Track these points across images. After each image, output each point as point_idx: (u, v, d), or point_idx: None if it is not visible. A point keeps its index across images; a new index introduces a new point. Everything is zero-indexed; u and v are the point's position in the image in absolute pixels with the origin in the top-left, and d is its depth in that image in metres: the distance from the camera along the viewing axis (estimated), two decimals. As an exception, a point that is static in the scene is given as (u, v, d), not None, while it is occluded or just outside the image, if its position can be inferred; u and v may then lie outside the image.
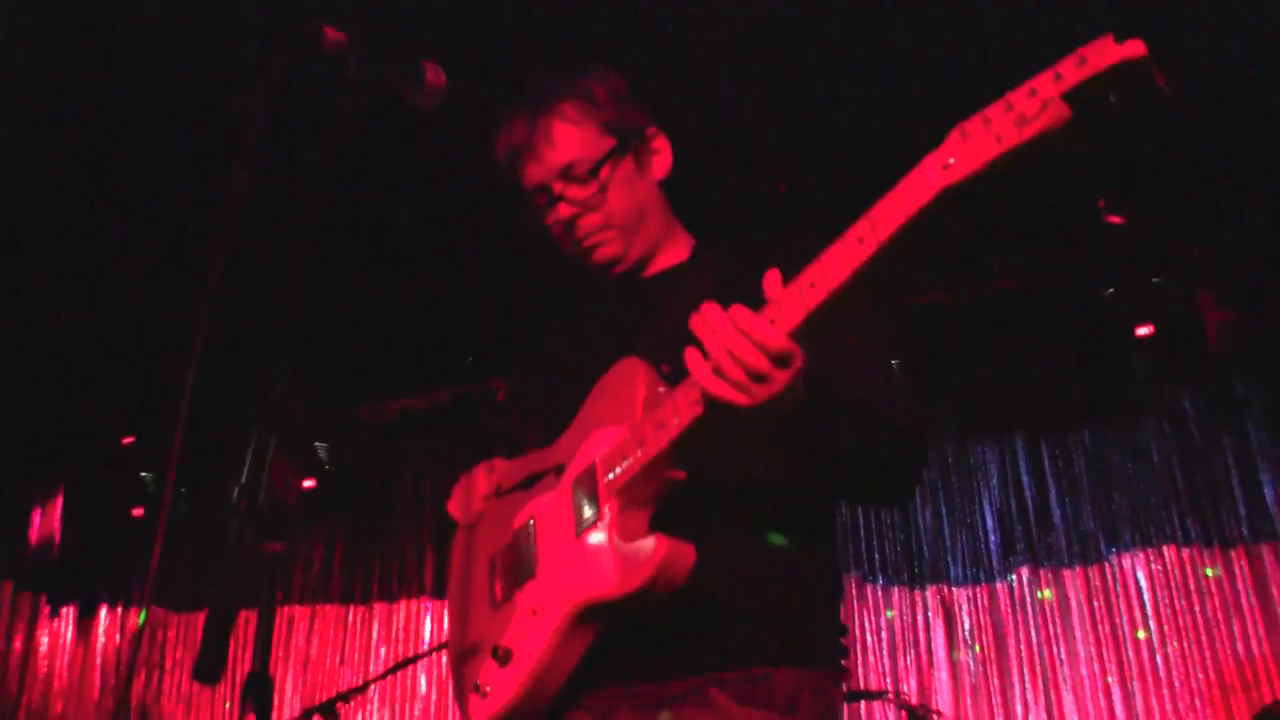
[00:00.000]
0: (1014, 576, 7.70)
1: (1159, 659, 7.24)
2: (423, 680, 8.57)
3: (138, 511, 9.06)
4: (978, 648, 7.66)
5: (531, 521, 2.37)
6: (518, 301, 7.30)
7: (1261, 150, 6.35)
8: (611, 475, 2.14)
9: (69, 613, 9.55)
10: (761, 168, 6.34)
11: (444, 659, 8.37)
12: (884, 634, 7.76)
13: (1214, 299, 7.02)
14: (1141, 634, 7.28)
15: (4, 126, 5.89)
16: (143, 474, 8.99)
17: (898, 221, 1.80)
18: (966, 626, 7.72)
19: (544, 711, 2.21)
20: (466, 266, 7.12)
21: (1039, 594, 7.61)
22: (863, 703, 7.22)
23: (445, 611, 8.49)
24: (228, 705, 8.92)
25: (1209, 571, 7.25)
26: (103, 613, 9.55)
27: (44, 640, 9.40)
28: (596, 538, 2.14)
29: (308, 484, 8.53)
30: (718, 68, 5.58)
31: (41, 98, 5.74)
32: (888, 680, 7.61)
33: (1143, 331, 7.22)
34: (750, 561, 2.19)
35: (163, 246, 6.78)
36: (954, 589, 7.82)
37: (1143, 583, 7.41)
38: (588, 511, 2.19)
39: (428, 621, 8.75)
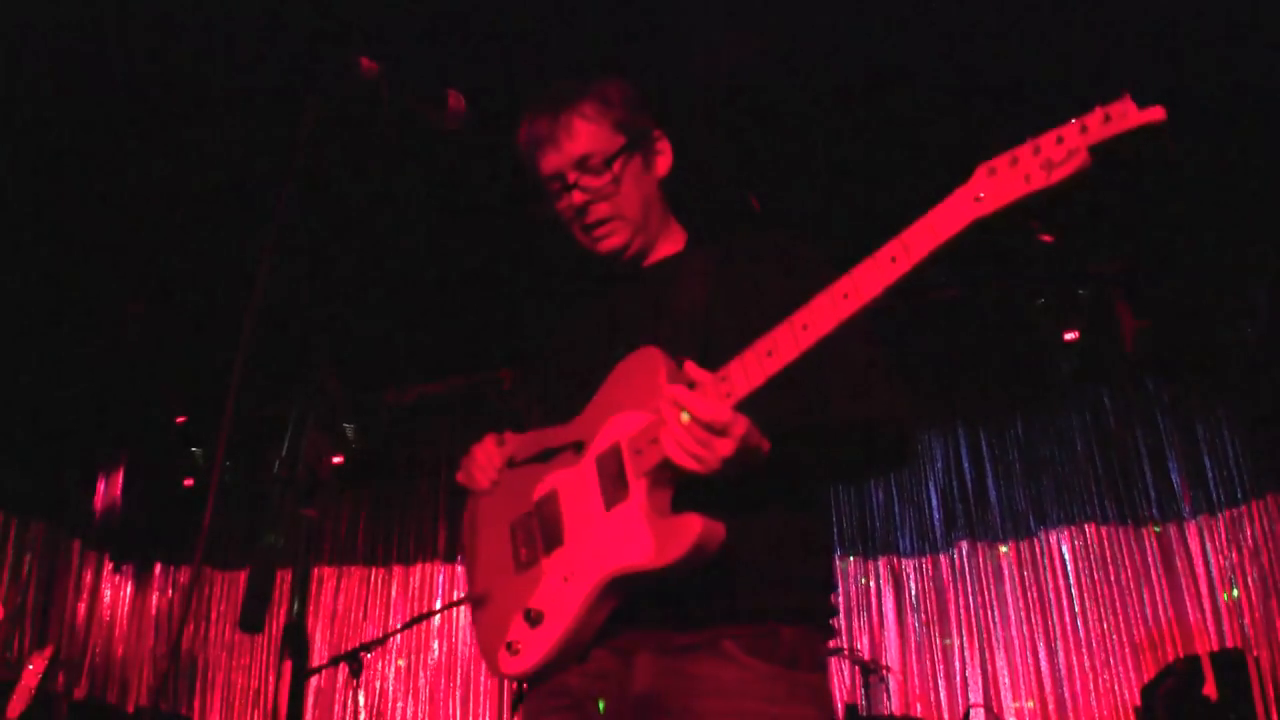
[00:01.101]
0: (955, 549, 7.97)
1: (1079, 622, 7.51)
2: (435, 634, 8.79)
3: (188, 482, 9.27)
4: (922, 611, 7.94)
5: (555, 492, 2.36)
6: (523, 301, 7.46)
7: (1170, 180, 6.53)
8: (640, 454, 2.15)
9: (129, 570, 9.83)
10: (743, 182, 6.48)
11: (457, 615, 8.56)
12: (839, 599, 7.88)
13: (1130, 309, 7.29)
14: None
15: (82, 117, 6.03)
16: (193, 449, 9.25)
17: (930, 247, 1.86)
18: (913, 592, 7.97)
19: (578, 659, 2.24)
20: (479, 269, 7.26)
21: (1001, 550, 7.86)
22: (821, 658, 7.48)
23: (456, 574, 8.94)
24: (265, 655, 9.20)
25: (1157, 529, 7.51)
26: (157, 570, 9.86)
27: (106, 593, 9.67)
28: (628, 512, 2.15)
29: (336, 460, 8.63)
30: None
31: (120, 98, 5.89)
32: (843, 639, 7.75)
33: (1069, 336, 7.40)
34: (760, 528, 2.20)
35: (218, 252, 6.98)
36: (902, 559, 8.08)
37: (1066, 555, 7.68)
38: (616, 488, 2.19)
39: (440, 582, 8.93)
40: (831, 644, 7.05)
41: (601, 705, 2.20)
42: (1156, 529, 7.56)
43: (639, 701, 2.17)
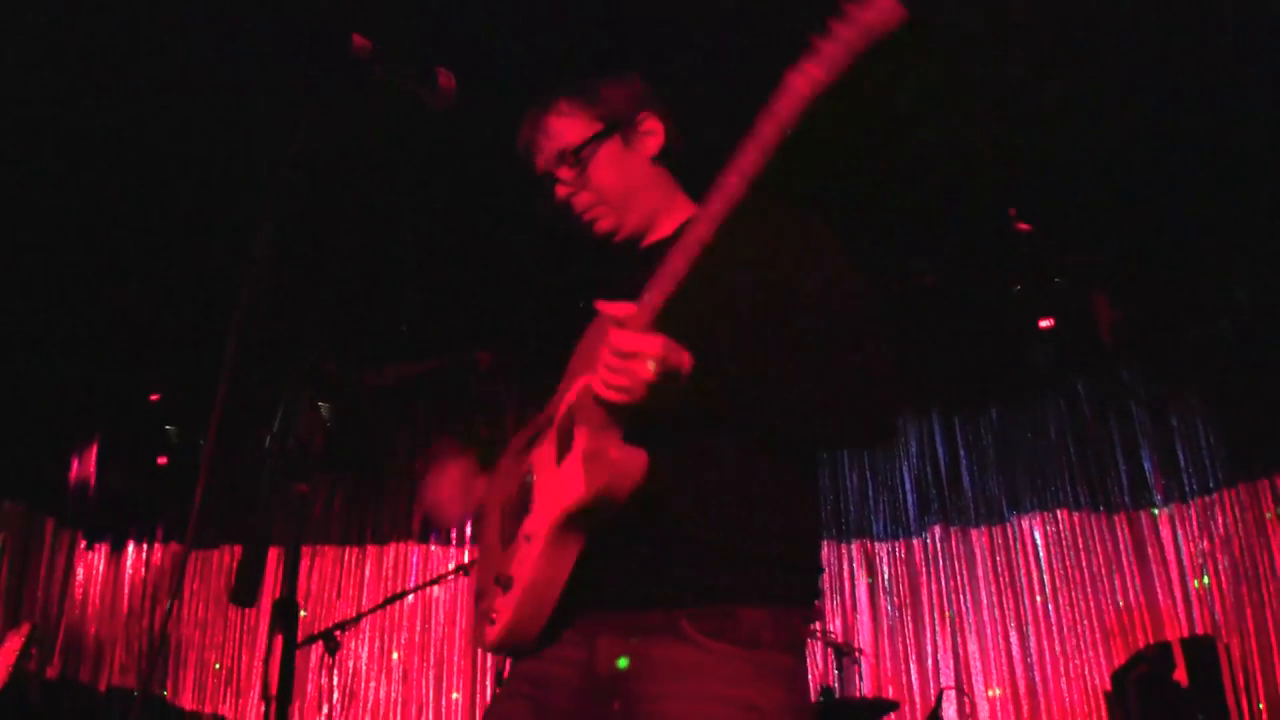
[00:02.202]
0: (928, 534, 7.98)
1: (1051, 607, 7.53)
2: (408, 613, 8.76)
3: (162, 460, 9.19)
4: (895, 595, 7.94)
5: (530, 466, 2.38)
6: (502, 283, 7.41)
7: (1147, 171, 6.50)
8: (583, 408, 2.16)
9: (102, 547, 9.68)
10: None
11: (430, 595, 8.56)
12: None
13: (1106, 298, 7.28)
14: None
15: (52, 106, 5.89)
16: (168, 426, 9.13)
17: (774, 139, 1.90)
18: (886, 576, 7.98)
19: (544, 629, 2.22)
20: (458, 251, 7.17)
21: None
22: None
23: (430, 553, 8.90)
24: (239, 634, 9.10)
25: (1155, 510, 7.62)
26: (130, 548, 9.68)
27: (80, 571, 9.54)
28: (571, 460, 2.16)
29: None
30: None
31: (92, 89, 5.77)
32: (817, 621, 7.60)
33: (1044, 324, 7.43)
34: (723, 505, 2.17)
35: (195, 229, 6.86)
36: (875, 543, 8.08)
37: (1039, 541, 7.70)
38: (564, 444, 2.21)
39: (415, 562, 8.91)
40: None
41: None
42: (1155, 510, 7.58)
43: (599, 685, 2.15)
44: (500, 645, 2.29)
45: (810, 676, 7.39)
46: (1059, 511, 7.73)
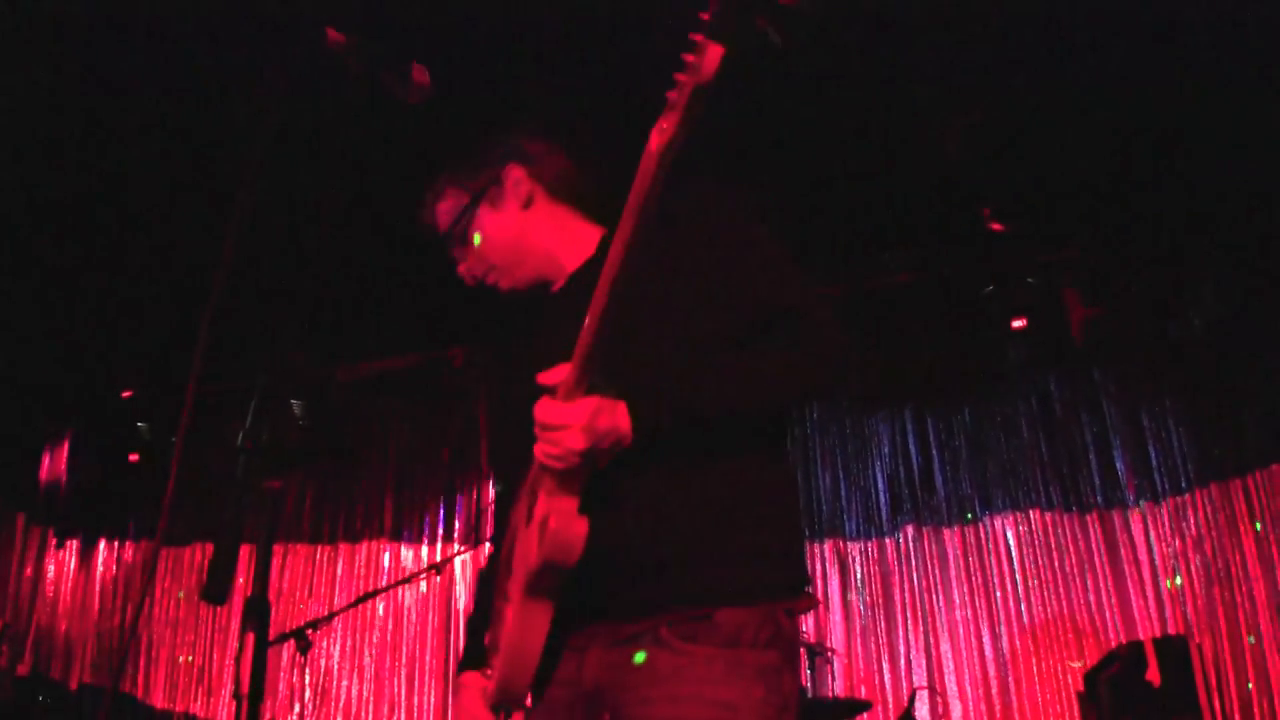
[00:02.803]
0: (900, 533, 7.90)
1: (1023, 607, 7.46)
2: (380, 612, 8.68)
3: (134, 457, 9.12)
4: (867, 594, 7.86)
5: (513, 525, 2.40)
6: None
7: (1118, 170, 6.53)
8: (538, 472, 2.17)
9: (73, 545, 9.62)
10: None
11: (402, 594, 8.52)
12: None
13: (1078, 297, 7.28)
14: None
15: (22, 101, 5.83)
16: (139, 424, 9.09)
17: (638, 204, 1.86)
18: (858, 575, 7.90)
19: (533, 683, 2.23)
20: (432, 245, 7.17)
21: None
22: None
23: (402, 550, 8.84)
24: (209, 631, 9.03)
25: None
26: (102, 545, 9.61)
27: (51, 568, 9.48)
28: (533, 525, 2.15)
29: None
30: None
31: (63, 81, 5.71)
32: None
33: (1017, 324, 7.41)
34: (694, 506, 2.17)
35: (167, 225, 6.82)
36: (848, 543, 7.99)
37: (1011, 541, 7.63)
38: (531, 508, 2.21)
39: (386, 560, 8.84)
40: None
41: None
42: (1127, 510, 7.52)
43: (588, 696, 2.18)
44: (497, 704, 2.32)
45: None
46: (1031, 511, 7.67)
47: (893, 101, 6.01)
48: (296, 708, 7.45)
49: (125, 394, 9.08)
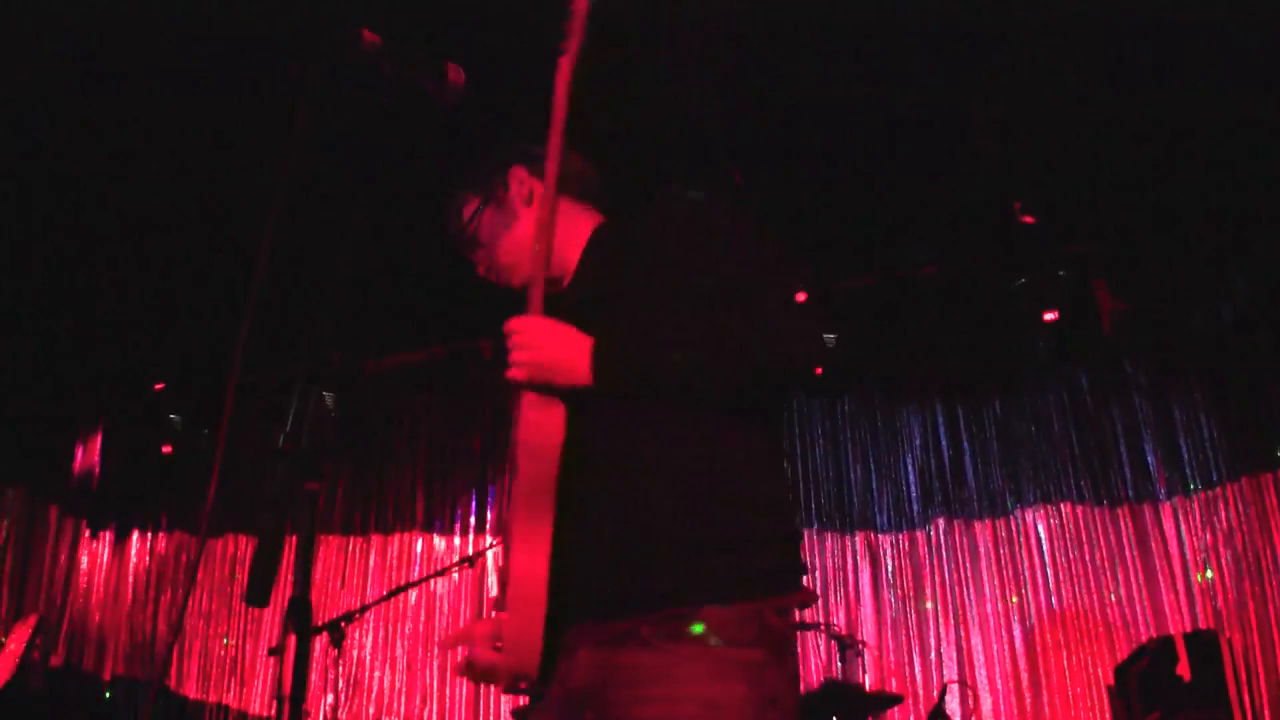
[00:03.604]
0: (932, 526, 7.91)
1: (1054, 600, 7.46)
2: (412, 602, 8.69)
3: (167, 449, 9.13)
4: (898, 587, 7.88)
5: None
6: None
7: (1149, 163, 6.53)
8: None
9: (106, 536, 9.65)
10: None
11: (435, 585, 8.53)
12: (817, 574, 7.90)
13: (1108, 290, 7.27)
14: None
15: (57, 83, 5.85)
16: (172, 416, 9.11)
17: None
18: (889, 569, 7.91)
19: (545, 647, 2.21)
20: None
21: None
22: (798, 633, 7.43)
23: (435, 540, 8.85)
24: (242, 624, 9.05)
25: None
26: (134, 536, 9.65)
27: (84, 559, 9.49)
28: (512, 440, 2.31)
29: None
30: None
31: (97, 82, 5.79)
32: (820, 614, 7.68)
33: (1048, 316, 7.34)
34: (667, 502, 2.17)
35: (201, 219, 6.89)
36: (879, 535, 8.00)
37: (1042, 534, 7.62)
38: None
39: (419, 551, 8.86)
40: (807, 617, 7.03)
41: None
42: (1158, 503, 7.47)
43: (575, 697, 2.18)
44: (508, 668, 2.28)
45: (814, 668, 7.43)
46: (1062, 504, 7.66)
47: (924, 93, 5.99)
48: (329, 698, 7.45)
49: (158, 386, 9.10)
